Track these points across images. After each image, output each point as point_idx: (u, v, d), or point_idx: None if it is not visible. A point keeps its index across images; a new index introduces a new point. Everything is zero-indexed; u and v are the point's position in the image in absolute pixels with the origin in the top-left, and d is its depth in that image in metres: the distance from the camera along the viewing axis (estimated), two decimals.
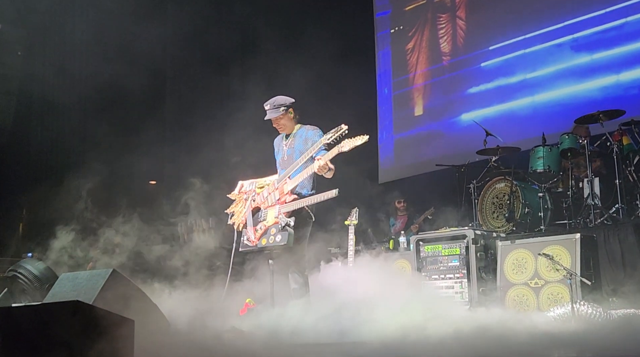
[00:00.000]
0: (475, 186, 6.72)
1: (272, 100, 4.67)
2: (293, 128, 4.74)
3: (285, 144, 4.74)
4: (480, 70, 8.74)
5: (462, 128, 8.59)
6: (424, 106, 9.61)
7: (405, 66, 9.93)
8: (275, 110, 4.63)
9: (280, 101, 4.65)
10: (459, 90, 9.02)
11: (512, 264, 5.16)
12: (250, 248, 4.67)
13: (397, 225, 8.55)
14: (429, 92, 9.59)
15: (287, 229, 4.38)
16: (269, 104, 4.66)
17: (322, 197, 4.33)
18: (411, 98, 9.86)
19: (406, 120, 9.84)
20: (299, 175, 4.54)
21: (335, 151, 4.27)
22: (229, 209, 4.94)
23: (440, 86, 9.36)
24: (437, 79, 9.39)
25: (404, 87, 9.94)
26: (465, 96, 8.92)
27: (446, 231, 5.71)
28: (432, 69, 9.50)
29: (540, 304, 4.87)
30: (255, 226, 4.66)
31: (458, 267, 5.42)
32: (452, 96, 9.12)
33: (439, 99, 9.37)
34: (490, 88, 8.60)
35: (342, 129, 4.30)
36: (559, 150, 6.14)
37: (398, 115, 9.98)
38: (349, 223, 6.01)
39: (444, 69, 9.31)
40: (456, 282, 5.40)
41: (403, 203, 8.60)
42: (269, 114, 4.66)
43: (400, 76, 10.01)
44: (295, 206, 4.48)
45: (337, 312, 3.88)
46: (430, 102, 9.53)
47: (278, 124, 4.68)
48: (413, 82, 9.84)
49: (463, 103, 8.93)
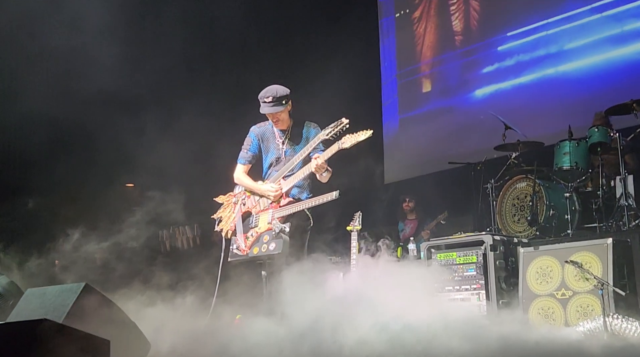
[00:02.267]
0: (493, 186, 6.71)
1: (272, 91, 4.57)
2: (289, 123, 4.73)
3: (281, 141, 4.72)
4: (497, 55, 8.76)
5: (478, 121, 8.59)
6: (435, 97, 9.62)
7: (413, 53, 9.95)
8: (277, 104, 4.56)
9: (282, 92, 4.59)
10: (473, 80, 9.04)
11: (535, 273, 5.16)
12: (240, 258, 4.68)
13: (407, 230, 8.55)
14: (439, 81, 9.60)
15: (282, 236, 4.40)
16: (270, 96, 4.55)
17: (322, 199, 4.34)
18: (420, 88, 9.86)
19: (415, 113, 9.85)
20: (295, 176, 4.55)
21: (335, 148, 4.27)
22: (216, 214, 4.95)
23: (452, 74, 9.37)
24: (449, 64, 9.40)
25: (411, 75, 9.95)
26: (481, 84, 8.92)
27: (461, 237, 5.69)
28: (442, 57, 9.52)
29: (568, 318, 4.86)
30: (246, 233, 4.67)
31: (475, 277, 5.41)
32: (466, 86, 9.13)
33: (451, 89, 9.39)
34: (508, 77, 8.61)
35: (343, 123, 4.31)
36: (587, 144, 6.12)
37: (405, 108, 10.00)
38: (351, 229, 5.99)
39: (455, 56, 9.32)
40: (473, 294, 5.39)
41: (412, 203, 8.58)
42: (269, 108, 4.57)
43: (406, 65, 10.03)
44: (291, 210, 4.49)
45: (334, 331, 3.88)
46: (441, 92, 9.54)
47: (277, 119, 4.66)
48: (421, 70, 9.85)
49: (480, 96, 8.94)
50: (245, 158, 4.83)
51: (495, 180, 6.75)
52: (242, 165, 4.84)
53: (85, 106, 7.38)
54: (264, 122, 4.81)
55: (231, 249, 4.74)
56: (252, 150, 4.84)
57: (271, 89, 4.61)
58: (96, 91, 7.19)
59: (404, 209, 8.68)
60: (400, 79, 10.06)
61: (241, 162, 4.84)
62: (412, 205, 8.63)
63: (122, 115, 7.48)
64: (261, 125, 4.85)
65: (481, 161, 7.18)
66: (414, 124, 9.77)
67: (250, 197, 4.77)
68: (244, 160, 4.84)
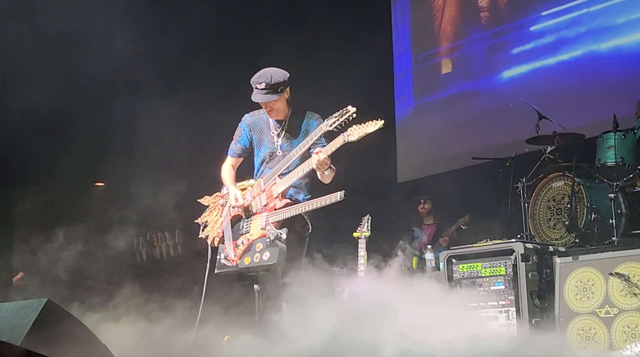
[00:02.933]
0: (525, 185, 6.69)
1: (266, 76, 4.53)
2: (286, 113, 4.69)
3: (276, 134, 4.69)
4: (529, 35, 8.72)
5: (507, 109, 8.57)
6: (456, 79, 9.61)
7: (430, 29, 9.93)
8: (272, 92, 4.53)
9: (278, 78, 4.55)
10: (501, 61, 9.01)
11: (574, 287, 5.14)
12: (229, 269, 4.66)
13: (423, 237, 8.53)
14: (460, 61, 9.57)
15: (278, 244, 4.37)
16: (263, 82, 4.52)
17: (324, 201, 4.32)
18: (438, 69, 9.85)
19: (433, 99, 9.83)
20: (292, 174, 4.53)
21: (340, 141, 4.25)
22: (200, 218, 4.93)
23: (476, 53, 9.34)
24: (472, 42, 9.38)
25: (428, 56, 9.93)
26: (510, 64, 8.90)
27: (487, 245, 5.68)
28: (464, 33, 9.50)
29: (614, 340, 4.83)
30: (236, 240, 4.66)
31: (503, 291, 5.40)
32: (492, 67, 9.11)
33: (474, 70, 9.37)
34: (542, 56, 8.57)
35: (349, 112, 4.28)
36: (635, 136, 6.10)
37: (421, 94, 9.99)
38: (358, 235, 5.98)
39: (480, 33, 9.29)
40: (501, 312, 5.37)
41: (428, 205, 8.55)
42: (262, 96, 4.54)
43: (422, 43, 10.02)
44: (288, 214, 4.47)
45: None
46: (463, 74, 9.52)
47: (271, 108, 4.62)
48: (439, 49, 9.83)
49: (508, 78, 8.92)
50: (234, 150, 4.86)
51: (527, 178, 6.73)
52: (230, 157, 4.88)
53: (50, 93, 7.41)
54: (258, 110, 4.78)
55: (218, 259, 4.72)
56: (242, 143, 4.83)
57: (265, 74, 4.56)
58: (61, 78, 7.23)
59: (420, 212, 8.65)
60: (416, 64, 10.03)
61: (229, 154, 4.89)
62: (429, 207, 8.60)
63: (90, 104, 7.51)
64: (255, 113, 4.82)
65: (510, 156, 7.16)
66: (431, 113, 9.75)
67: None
68: (232, 153, 4.87)
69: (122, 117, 7.46)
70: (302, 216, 4.56)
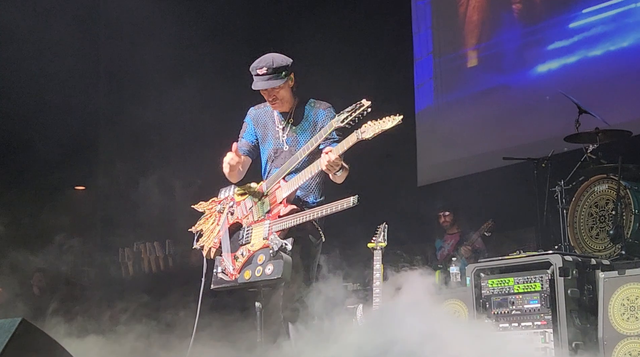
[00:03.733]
0: (564, 189, 6.72)
1: (267, 60, 4.58)
2: (291, 104, 4.76)
3: (281, 128, 4.74)
4: (568, 31, 8.74)
5: (543, 103, 8.58)
6: (484, 74, 9.64)
7: (454, 19, 9.98)
8: (275, 77, 4.56)
9: (280, 62, 4.59)
10: (535, 55, 9.03)
11: (621, 305, 5.14)
12: (227, 285, 4.67)
13: (445, 249, 8.56)
14: (489, 54, 9.61)
15: (283, 256, 4.37)
16: (264, 67, 4.55)
17: (335, 207, 4.33)
18: (464, 62, 9.89)
19: (458, 94, 9.85)
20: (299, 176, 4.54)
21: (353, 139, 4.27)
22: (194, 227, 4.95)
23: (507, 46, 9.36)
24: (503, 34, 9.42)
25: (452, 51, 9.97)
26: (545, 59, 8.93)
27: (520, 257, 5.69)
28: (493, 23, 9.53)
29: None
30: (235, 252, 4.67)
31: (539, 310, 5.40)
32: (525, 61, 9.13)
33: (504, 63, 9.39)
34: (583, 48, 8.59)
35: (363, 106, 4.31)
36: None
37: (445, 87, 10.00)
38: (374, 246, 6.02)
39: (512, 25, 9.33)
40: (536, 333, 5.37)
41: (450, 217, 8.61)
42: (263, 82, 4.57)
43: (446, 33, 10.06)
44: (294, 222, 4.47)
45: None
46: (491, 68, 9.54)
47: (274, 97, 4.66)
48: (465, 40, 9.87)
49: (544, 71, 8.94)
50: (240, 147, 4.81)
51: (565, 181, 6.75)
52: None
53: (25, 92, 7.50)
54: (264, 102, 4.83)
55: (215, 272, 4.73)
56: (247, 138, 4.85)
57: (266, 58, 4.61)
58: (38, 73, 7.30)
59: (442, 225, 8.70)
60: (438, 55, 10.05)
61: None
62: (451, 218, 8.67)
63: (72, 100, 7.57)
64: (259, 106, 4.88)
65: (547, 156, 7.18)
66: (456, 107, 9.76)
67: (240, 204, 4.78)
68: (238, 150, 4.82)
69: (105, 112, 7.54)
70: (313, 223, 4.56)
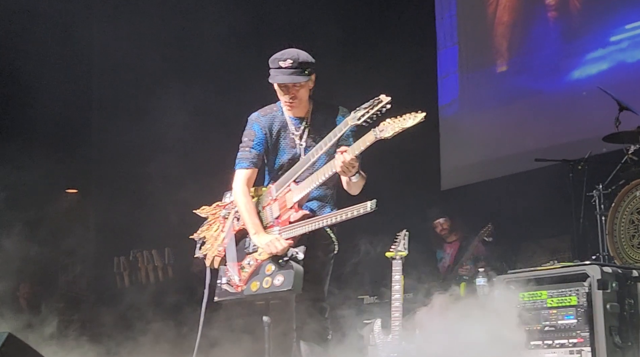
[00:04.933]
0: (602, 194, 6.70)
1: (292, 54, 4.51)
2: (307, 108, 4.68)
3: (298, 135, 4.66)
4: (608, 44, 8.76)
5: (579, 99, 8.55)
6: (511, 64, 9.69)
7: (483, 23, 9.98)
8: (299, 73, 4.49)
9: (306, 58, 4.54)
10: (572, 63, 9.05)
11: None
12: (232, 297, 4.65)
13: (446, 259, 8.60)
14: (520, 51, 9.65)
15: (293, 266, 4.35)
16: (289, 59, 4.49)
17: (350, 213, 4.29)
18: (491, 52, 9.91)
19: (485, 87, 9.81)
20: (311, 179, 4.51)
21: (371, 138, 4.22)
22: (197, 234, 4.92)
23: (540, 53, 9.39)
24: (535, 39, 9.45)
25: (479, 54, 9.99)
26: (581, 65, 8.93)
27: (554, 268, 5.66)
28: (525, 25, 9.55)
29: None
30: (241, 261, 4.65)
31: (575, 327, 5.35)
32: (561, 69, 9.13)
33: (536, 58, 9.43)
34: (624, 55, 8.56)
35: (382, 102, 4.26)
36: None
37: (471, 83, 9.98)
38: (393, 255, 5.98)
39: (546, 35, 9.33)
40: (572, 353, 5.32)
41: (446, 223, 8.58)
42: (286, 77, 4.50)
43: (473, 36, 10.09)
44: (305, 228, 4.45)
45: None
46: (521, 62, 9.58)
47: (293, 96, 4.58)
48: (493, 40, 9.83)
49: (579, 73, 8.93)
50: (249, 160, 4.66)
51: (604, 185, 6.74)
52: (244, 170, 4.67)
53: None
54: (269, 107, 4.74)
55: (219, 283, 4.71)
56: (257, 148, 4.68)
57: (291, 52, 4.55)
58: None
59: (440, 234, 8.66)
60: (465, 47, 10.06)
61: (243, 166, 4.67)
62: (448, 225, 8.72)
63: (63, 100, 7.60)
64: (267, 112, 4.74)
65: (583, 158, 7.18)
66: (484, 103, 9.75)
67: None
68: (247, 163, 4.66)
69: (99, 111, 7.55)
70: (326, 231, 4.55)
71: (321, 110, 4.69)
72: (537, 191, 8.08)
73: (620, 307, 5.33)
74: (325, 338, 4.52)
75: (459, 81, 10.14)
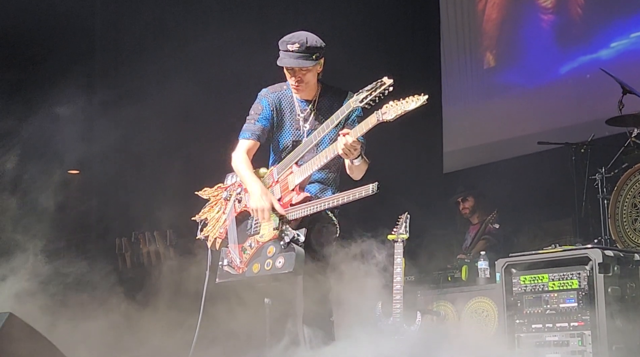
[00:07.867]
0: (605, 177, 6.70)
1: (300, 38, 4.53)
2: (315, 91, 4.70)
3: (302, 117, 4.68)
4: (608, 49, 8.69)
5: (582, 81, 8.52)
6: (511, 52, 9.65)
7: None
8: (306, 57, 4.51)
9: (314, 42, 4.54)
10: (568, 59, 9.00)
11: None
12: (233, 278, 4.67)
13: (468, 240, 8.53)
14: (521, 37, 9.63)
15: (295, 248, 4.36)
16: (297, 43, 4.50)
17: (352, 195, 4.30)
18: (484, 64, 9.89)
19: (487, 70, 9.80)
20: (314, 161, 4.52)
21: (373, 121, 4.23)
22: (198, 215, 4.94)
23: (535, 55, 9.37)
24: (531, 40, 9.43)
25: (479, 22, 9.96)
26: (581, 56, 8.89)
27: (556, 251, 5.66)
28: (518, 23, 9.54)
29: None
30: (243, 243, 4.67)
31: (576, 310, 5.38)
32: (556, 64, 9.09)
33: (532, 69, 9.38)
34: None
35: (385, 84, 4.26)
36: None
37: (474, 65, 10.02)
38: (394, 238, 5.98)
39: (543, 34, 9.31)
40: (573, 336, 5.34)
41: (469, 202, 8.45)
42: (293, 60, 4.51)
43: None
44: (307, 211, 4.45)
45: None
46: (523, 47, 9.58)
47: (300, 79, 4.59)
48: (482, 45, 9.90)
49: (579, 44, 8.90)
50: (252, 131, 4.70)
51: (607, 168, 6.73)
52: (246, 140, 4.71)
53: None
54: (279, 85, 4.76)
55: (220, 265, 4.72)
56: (263, 122, 4.71)
57: (299, 35, 4.56)
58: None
59: (463, 213, 8.54)
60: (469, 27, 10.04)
61: (245, 136, 4.72)
62: (471, 204, 8.42)
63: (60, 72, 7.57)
64: (276, 89, 4.77)
65: (586, 141, 7.17)
66: (487, 87, 9.74)
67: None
68: (249, 134, 4.70)
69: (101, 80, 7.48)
70: (328, 214, 4.56)
71: (329, 94, 4.70)
72: (540, 174, 8.10)
73: (621, 290, 5.36)
74: (328, 320, 4.52)
75: (462, 69, 10.12)
